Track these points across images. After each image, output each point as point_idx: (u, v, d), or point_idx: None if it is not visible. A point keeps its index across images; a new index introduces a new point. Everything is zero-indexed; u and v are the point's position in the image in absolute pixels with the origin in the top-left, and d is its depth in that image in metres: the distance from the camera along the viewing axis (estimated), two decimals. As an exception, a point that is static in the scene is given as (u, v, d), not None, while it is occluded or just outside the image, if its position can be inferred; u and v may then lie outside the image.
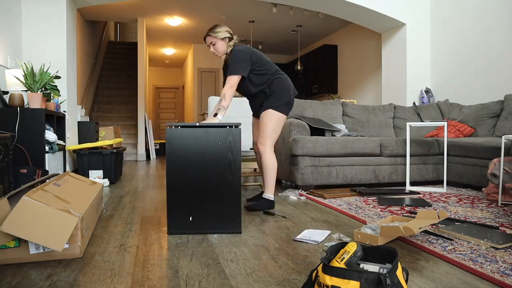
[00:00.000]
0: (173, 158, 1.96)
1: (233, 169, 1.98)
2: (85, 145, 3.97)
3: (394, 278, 1.03)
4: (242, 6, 6.84)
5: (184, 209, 1.96)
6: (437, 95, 5.23)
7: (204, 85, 9.69)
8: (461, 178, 3.52)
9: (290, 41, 9.24)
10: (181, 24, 7.82)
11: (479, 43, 4.60)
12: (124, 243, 1.82)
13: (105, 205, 2.79)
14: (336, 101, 4.43)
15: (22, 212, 1.47)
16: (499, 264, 1.48)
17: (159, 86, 12.62)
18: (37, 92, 3.36)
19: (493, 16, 4.42)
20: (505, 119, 3.81)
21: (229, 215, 1.98)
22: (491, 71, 4.45)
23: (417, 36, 5.38)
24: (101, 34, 8.99)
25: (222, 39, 2.47)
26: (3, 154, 2.45)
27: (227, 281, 1.35)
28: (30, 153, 3.11)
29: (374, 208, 2.63)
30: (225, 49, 2.50)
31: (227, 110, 2.36)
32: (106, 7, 6.63)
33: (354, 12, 5.40)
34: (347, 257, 1.12)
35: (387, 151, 3.65)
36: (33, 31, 4.08)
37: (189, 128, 1.98)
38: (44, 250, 1.53)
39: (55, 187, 1.82)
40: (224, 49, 2.50)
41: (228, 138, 1.98)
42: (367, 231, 1.82)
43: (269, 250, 1.70)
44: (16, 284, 1.34)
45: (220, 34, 2.46)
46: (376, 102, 6.86)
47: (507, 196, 2.67)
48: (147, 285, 1.33)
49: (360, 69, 7.58)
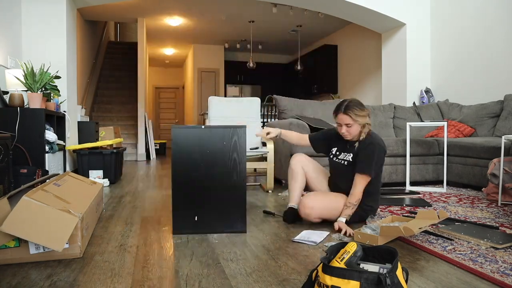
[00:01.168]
0: (179, 157, 1.96)
1: (238, 169, 1.99)
2: (85, 145, 3.97)
3: (394, 278, 1.03)
4: (242, 6, 6.84)
5: (189, 209, 1.96)
6: (437, 95, 5.23)
7: (204, 85, 9.69)
8: (461, 178, 3.52)
9: (290, 41, 9.24)
10: (181, 24, 7.82)
11: (479, 43, 4.59)
12: (124, 243, 1.82)
13: (105, 205, 2.79)
14: (336, 101, 4.43)
15: (22, 212, 1.47)
16: (499, 264, 1.48)
17: (159, 86, 12.61)
18: (37, 92, 3.36)
19: (493, 16, 4.42)
20: (505, 119, 3.81)
21: (234, 215, 1.99)
22: (491, 71, 4.44)
23: (417, 36, 5.37)
24: (101, 34, 8.99)
25: (361, 126, 2.09)
26: (3, 154, 2.45)
27: (227, 281, 1.35)
28: (30, 153, 3.11)
29: (374, 208, 2.62)
30: (357, 133, 2.11)
31: (350, 213, 2.04)
32: (106, 7, 6.62)
33: (354, 12, 5.39)
34: (347, 257, 1.12)
35: (387, 151, 3.65)
36: (33, 31, 4.08)
37: (195, 128, 1.98)
38: (44, 250, 1.53)
39: (55, 187, 1.82)
40: (357, 133, 2.11)
41: (233, 138, 1.98)
42: (367, 231, 1.82)
43: (269, 250, 1.70)
44: (16, 284, 1.34)
45: (360, 120, 2.06)
46: (376, 102, 6.86)
47: (507, 196, 2.67)
48: (147, 285, 1.33)
49: (360, 69, 7.58)
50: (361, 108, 2.07)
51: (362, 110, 2.07)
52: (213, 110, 3.77)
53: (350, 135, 2.11)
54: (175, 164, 1.96)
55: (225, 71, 9.83)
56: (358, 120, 2.06)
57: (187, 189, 1.96)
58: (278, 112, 4.12)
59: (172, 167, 1.96)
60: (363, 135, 2.10)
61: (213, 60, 9.71)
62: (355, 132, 2.10)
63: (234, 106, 3.81)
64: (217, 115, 3.76)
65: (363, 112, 2.07)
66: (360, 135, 2.11)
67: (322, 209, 2.07)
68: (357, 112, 2.05)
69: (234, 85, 9.92)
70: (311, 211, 2.05)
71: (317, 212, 2.05)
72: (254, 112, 3.84)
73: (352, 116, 2.05)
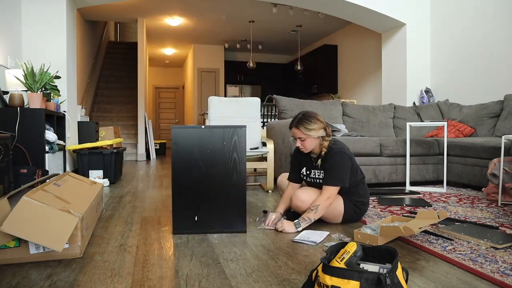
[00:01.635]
0: (179, 157, 1.96)
1: (239, 169, 1.99)
2: (85, 145, 3.97)
3: (394, 278, 1.03)
4: (242, 6, 6.84)
5: (189, 209, 1.96)
6: (437, 95, 5.23)
7: (204, 85, 9.69)
8: (461, 178, 3.52)
9: (290, 41, 9.24)
10: (181, 24, 7.82)
11: (479, 43, 4.59)
12: (124, 243, 1.82)
13: (105, 205, 2.79)
14: (336, 101, 4.43)
15: (22, 212, 1.47)
16: (499, 264, 1.48)
17: (159, 86, 12.61)
18: (37, 92, 3.36)
19: (493, 16, 4.42)
20: (505, 119, 3.81)
21: (234, 215, 1.99)
22: (491, 71, 4.44)
23: (417, 36, 5.38)
24: (101, 34, 8.99)
25: (315, 138, 2.06)
26: (3, 154, 2.45)
27: (227, 281, 1.35)
28: (30, 153, 3.11)
29: (374, 208, 2.62)
30: (315, 146, 2.09)
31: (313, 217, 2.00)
32: (106, 7, 6.62)
33: (354, 12, 5.39)
34: (347, 257, 1.12)
35: (387, 151, 3.65)
36: (33, 31, 4.08)
37: (195, 128, 1.99)
38: (44, 250, 1.53)
39: (55, 187, 1.82)
40: (313, 146, 2.08)
41: (233, 138, 1.99)
42: (367, 231, 1.82)
43: (269, 250, 1.70)
44: (16, 284, 1.34)
45: (313, 133, 2.03)
46: (376, 102, 6.86)
47: (507, 196, 2.67)
48: (147, 285, 1.33)
49: (360, 69, 7.58)
50: (313, 121, 2.04)
51: (315, 123, 2.04)
52: (213, 110, 3.77)
53: (305, 149, 2.09)
54: (175, 164, 1.96)
55: (225, 71, 9.83)
56: (310, 134, 2.03)
57: (187, 189, 1.96)
58: (278, 112, 4.12)
59: (172, 167, 1.96)
60: (324, 149, 2.07)
61: (213, 60, 9.71)
62: (310, 145, 2.07)
63: (234, 106, 3.81)
64: (217, 115, 3.76)
65: (315, 125, 2.03)
66: (321, 149, 2.08)
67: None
68: (308, 126, 2.02)
69: (234, 85, 9.92)
70: (301, 204, 2.05)
71: (307, 205, 2.03)
72: (254, 112, 3.84)
73: (302, 130, 2.03)
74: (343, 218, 2.13)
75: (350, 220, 2.16)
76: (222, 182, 1.98)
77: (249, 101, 3.87)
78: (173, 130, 1.97)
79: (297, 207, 2.08)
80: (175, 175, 1.96)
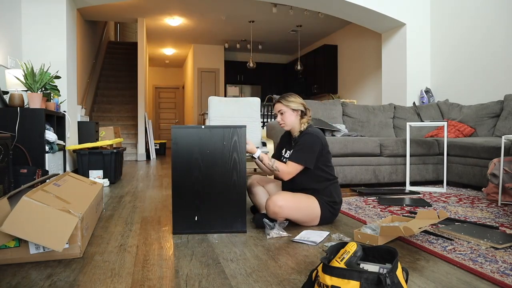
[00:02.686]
0: (179, 157, 1.96)
1: (239, 169, 1.99)
2: (85, 145, 3.97)
3: (394, 278, 1.03)
4: (242, 6, 6.84)
5: (189, 209, 1.96)
6: (437, 95, 5.23)
7: (204, 85, 9.69)
8: (461, 178, 3.52)
9: (290, 41, 9.24)
10: (181, 24, 7.82)
11: (479, 43, 4.59)
12: (124, 243, 1.82)
13: (105, 205, 2.79)
14: (336, 101, 4.43)
15: (22, 212, 1.47)
16: (499, 264, 1.48)
17: (159, 86, 12.61)
18: (37, 92, 3.36)
19: (493, 16, 4.42)
20: (505, 119, 3.81)
21: (234, 214, 1.99)
22: (491, 71, 4.44)
23: (417, 36, 5.37)
24: (101, 34, 8.99)
25: (293, 110, 2.15)
26: (3, 154, 2.45)
27: (227, 281, 1.35)
28: (30, 153, 3.11)
29: (374, 208, 2.63)
30: (294, 123, 2.18)
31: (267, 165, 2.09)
32: (106, 7, 6.62)
33: (354, 12, 5.39)
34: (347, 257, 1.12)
35: (387, 151, 3.65)
36: (33, 31, 4.08)
37: (194, 128, 1.99)
38: (44, 250, 1.53)
39: (55, 187, 1.82)
40: (292, 123, 2.17)
41: (233, 138, 1.99)
42: (367, 231, 1.82)
43: (269, 250, 1.70)
44: (16, 284, 1.34)
45: (292, 105, 2.15)
46: (376, 102, 6.86)
47: (507, 196, 2.67)
48: (147, 285, 1.33)
49: (360, 69, 7.58)
50: (293, 96, 2.18)
51: (294, 97, 2.18)
52: (213, 110, 3.77)
53: (285, 124, 2.17)
54: (175, 164, 1.96)
55: (225, 71, 9.83)
56: (290, 105, 2.14)
57: (187, 189, 1.96)
58: (278, 112, 4.12)
59: (172, 167, 1.96)
60: (303, 126, 2.16)
61: (213, 60, 9.71)
62: (289, 119, 2.16)
63: (234, 106, 3.81)
64: (217, 115, 3.76)
65: (295, 99, 2.17)
66: (300, 126, 2.17)
67: (291, 209, 2.01)
68: (288, 98, 2.16)
69: (234, 85, 9.91)
70: (279, 210, 1.97)
71: (285, 211, 1.99)
72: (254, 112, 3.84)
73: (283, 102, 2.16)
74: (320, 221, 2.11)
75: (325, 222, 2.15)
76: (222, 182, 1.98)
77: (249, 101, 3.87)
78: (173, 130, 1.97)
79: (275, 213, 1.99)
80: (175, 175, 1.96)
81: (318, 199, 2.10)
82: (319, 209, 2.09)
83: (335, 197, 2.16)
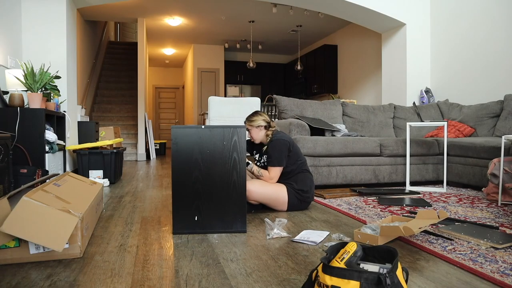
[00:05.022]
0: (179, 157, 1.96)
1: (238, 169, 1.99)
2: (85, 145, 3.97)
3: (394, 278, 1.03)
4: (242, 6, 6.84)
5: (189, 209, 1.96)
6: (437, 95, 5.23)
7: (204, 85, 9.69)
8: (461, 178, 3.52)
9: (290, 41, 9.24)
10: (181, 24, 7.82)
11: (479, 43, 4.59)
12: (124, 243, 1.82)
13: (105, 205, 2.79)
14: (336, 101, 4.42)
15: (22, 213, 1.47)
16: (499, 264, 1.48)
17: (159, 86, 12.61)
18: (37, 92, 3.36)
19: (493, 16, 4.42)
20: (505, 119, 3.81)
21: (234, 214, 1.99)
22: (491, 71, 4.45)
23: (417, 36, 5.38)
24: (101, 34, 8.99)
25: (257, 127, 2.55)
26: (3, 154, 2.45)
27: (227, 281, 1.35)
28: (30, 153, 3.11)
29: (374, 208, 2.63)
30: (261, 136, 2.58)
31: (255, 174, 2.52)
32: (106, 7, 6.63)
33: (354, 12, 5.39)
34: (347, 257, 1.12)
35: (387, 151, 3.65)
36: (33, 31, 4.08)
37: (194, 128, 1.99)
38: (44, 250, 1.53)
39: (55, 187, 1.82)
40: (259, 136, 2.58)
41: (233, 138, 1.99)
42: (367, 231, 1.82)
43: (269, 250, 1.70)
44: (16, 284, 1.34)
45: (255, 123, 2.55)
46: (376, 102, 6.86)
47: (507, 196, 2.67)
48: (147, 285, 1.33)
49: (360, 69, 7.58)
50: (255, 116, 2.56)
51: (257, 116, 2.56)
52: (213, 110, 3.77)
53: (254, 139, 2.59)
54: (175, 164, 1.96)
55: (225, 71, 9.83)
56: (253, 124, 2.55)
57: (187, 189, 1.96)
58: (278, 112, 4.12)
59: (172, 167, 1.96)
60: (269, 137, 2.56)
61: (213, 60, 9.71)
62: (256, 135, 2.57)
63: (234, 106, 3.81)
64: (217, 115, 3.76)
65: (257, 117, 2.55)
66: (266, 138, 2.57)
67: (258, 193, 2.39)
68: (251, 118, 2.56)
69: (234, 85, 9.92)
70: (248, 194, 2.33)
71: (253, 195, 2.37)
72: (254, 112, 3.83)
73: (247, 123, 2.57)
74: (288, 206, 2.47)
75: (295, 208, 2.51)
76: (222, 182, 1.98)
77: (249, 101, 3.87)
78: (173, 130, 1.97)
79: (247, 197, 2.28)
80: (175, 175, 1.96)
81: (287, 187, 2.48)
82: (286, 195, 2.46)
83: (303, 186, 2.51)
